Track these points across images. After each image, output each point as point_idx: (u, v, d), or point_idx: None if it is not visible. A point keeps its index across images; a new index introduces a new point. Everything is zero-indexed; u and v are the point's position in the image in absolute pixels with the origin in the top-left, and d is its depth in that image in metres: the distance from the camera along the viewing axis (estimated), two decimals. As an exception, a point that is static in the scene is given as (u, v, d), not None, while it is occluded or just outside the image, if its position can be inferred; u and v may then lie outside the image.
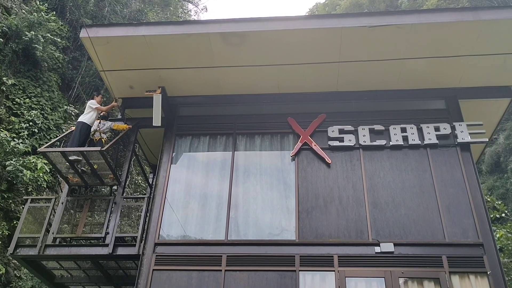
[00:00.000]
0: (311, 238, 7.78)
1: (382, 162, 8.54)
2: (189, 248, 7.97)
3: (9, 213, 12.80)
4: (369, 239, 7.64)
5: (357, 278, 7.26)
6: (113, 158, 9.44)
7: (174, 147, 9.28)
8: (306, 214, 8.05)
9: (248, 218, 8.25)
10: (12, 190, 13.12)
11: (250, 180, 8.71)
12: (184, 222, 8.36)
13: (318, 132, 9.00)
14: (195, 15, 31.70)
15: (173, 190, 8.74)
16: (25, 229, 8.77)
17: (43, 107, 15.44)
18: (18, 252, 8.40)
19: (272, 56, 8.70)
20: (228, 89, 9.39)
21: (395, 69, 8.80)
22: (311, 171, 8.58)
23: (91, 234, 8.82)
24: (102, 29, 8.89)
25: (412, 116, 8.97)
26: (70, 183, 9.23)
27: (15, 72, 15.26)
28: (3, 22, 15.27)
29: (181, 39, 8.53)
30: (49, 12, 17.06)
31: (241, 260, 7.64)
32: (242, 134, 9.28)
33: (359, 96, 9.27)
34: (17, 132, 13.78)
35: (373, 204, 8.04)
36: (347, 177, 8.42)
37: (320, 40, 8.42)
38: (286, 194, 8.41)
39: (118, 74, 9.29)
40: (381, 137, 8.78)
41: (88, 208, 8.94)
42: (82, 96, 17.87)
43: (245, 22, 8.48)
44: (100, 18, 19.77)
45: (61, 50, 18.04)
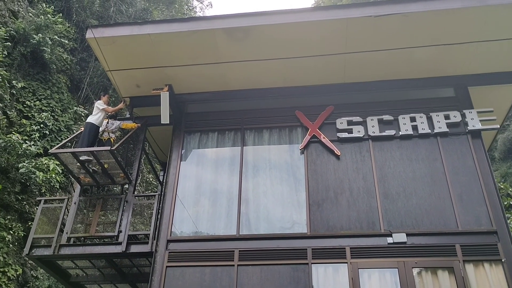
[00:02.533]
0: (322, 231, 7.77)
1: (392, 152, 8.49)
2: (201, 244, 8.01)
3: (24, 215, 12.98)
4: (381, 230, 7.61)
5: (370, 269, 7.24)
6: (123, 157, 9.51)
7: (183, 144, 9.32)
8: (317, 207, 8.04)
9: (259, 212, 8.26)
10: (26, 191, 13.29)
11: (260, 174, 8.71)
12: (196, 218, 8.40)
13: (326, 124, 8.97)
14: (200, 11, 31.68)
15: (183, 187, 8.78)
16: (40, 229, 8.89)
17: (53, 109, 15.58)
18: (34, 252, 8.52)
19: (278, 49, 8.67)
20: (235, 84, 9.39)
21: (402, 58, 8.72)
22: (321, 163, 8.56)
23: (105, 233, 8.90)
24: (108, 29, 8.91)
25: (421, 105, 8.89)
26: (82, 183, 9.33)
27: (24, 75, 15.41)
28: (11, 26, 15.41)
29: (186, 36, 8.54)
30: (56, 14, 17.17)
31: (253, 254, 7.67)
32: (250, 129, 9.29)
33: (367, 87, 9.21)
34: (29, 134, 13.93)
35: (384, 195, 8.00)
36: (357, 169, 8.39)
37: (325, 32, 8.36)
38: (296, 187, 8.41)
39: (125, 74, 9.33)
40: (390, 127, 8.72)
41: (100, 207, 9.03)
42: (91, 97, 17.99)
43: (250, 17, 8.44)
44: (106, 19, 19.86)
45: (69, 52, 18.17)
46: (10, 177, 12.87)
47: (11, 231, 12.18)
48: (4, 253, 11.68)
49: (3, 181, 12.62)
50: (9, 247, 11.95)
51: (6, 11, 15.77)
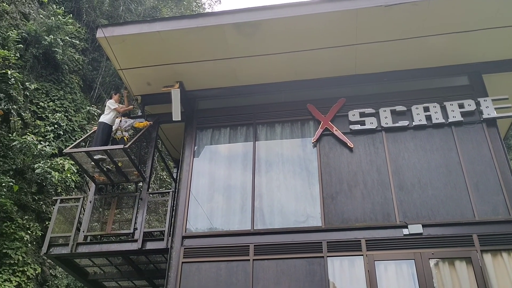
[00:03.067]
0: (337, 224, 7.74)
1: (406, 143, 8.41)
2: (216, 240, 8.03)
3: (41, 214, 13.17)
4: (397, 221, 7.55)
5: (386, 261, 7.19)
6: (137, 155, 9.58)
7: (196, 141, 9.34)
8: (331, 200, 8.00)
9: (273, 207, 8.25)
10: (42, 192, 13.48)
11: (273, 169, 8.70)
12: (210, 214, 8.43)
13: (338, 117, 8.91)
14: (209, 7, 31.61)
15: (197, 183, 8.81)
16: (57, 229, 9.01)
17: (67, 109, 15.75)
18: (52, 251, 8.63)
19: (288, 43, 8.62)
20: (246, 79, 9.36)
21: (414, 47, 8.60)
22: (334, 156, 8.51)
23: (120, 230, 9.00)
24: (117, 28, 8.94)
25: (434, 94, 8.77)
26: (96, 182, 9.41)
27: (37, 77, 15.59)
28: (22, 28, 15.58)
29: (196, 33, 8.53)
30: (66, 15, 17.31)
31: (268, 248, 7.67)
32: (262, 123, 9.27)
33: (379, 78, 9.11)
34: (43, 135, 14.11)
35: (399, 186, 7.93)
36: (371, 161, 8.33)
37: (335, 24, 8.29)
38: (309, 180, 8.38)
39: (135, 72, 9.37)
40: (403, 117, 8.63)
41: (115, 205, 9.11)
42: (104, 96, 18.14)
43: (258, 11, 8.39)
44: (115, 18, 19.97)
45: (80, 52, 18.33)
46: (26, 177, 13.06)
47: (29, 231, 12.39)
48: (23, 252, 11.88)
49: (20, 182, 12.82)
50: (27, 246, 12.15)
51: (17, 13, 15.95)
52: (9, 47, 14.16)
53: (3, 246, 11.56)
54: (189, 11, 25.47)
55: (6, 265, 11.37)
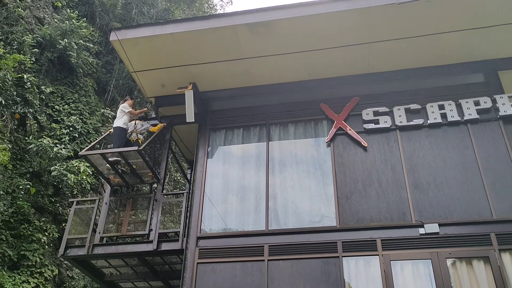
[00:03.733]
0: (352, 223, 7.69)
1: (420, 141, 8.32)
2: (231, 240, 8.04)
3: (57, 216, 13.34)
4: (413, 220, 7.47)
5: (403, 261, 7.13)
6: (151, 157, 9.63)
7: (209, 142, 9.37)
8: (345, 200, 7.96)
9: (287, 207, 8.23)
10: (59, 194, 13.65)
11: (287, 169, 8.68)
12: (224, 215, 8.45)
13: (352, 116, 8.86)
14: (220, 9, 31.67)
15: (211, 184, 8.83)
16: (73, 230, 9.11)
17: (82, 112, 15.93)
18: (68, 253, 8.73)
19: (300, 42, 8.60)
20: (258, 79, 9.37)
21: (428, 45, 8.51)
22: (348, 155, 8.47)
23: (136, 231, 9.05)
24: (131, 30, 9.01)
25: (449, 92, 8.67)
26: (112, 184, 9.49)
27: (52, 80, 15.79)
28: (37, 32, 15.80)
29: (208, 34, 8.56)
30: (80, 19, 17.51)
31: (283, 249, 7.65)
32: (276, 123, 9.25)
33: (393, 76, 9.04)
34: (59, 138, 14.28)
35: (414, 185, 7.86)
36: (385, 159, 8.26)
37: (348, 22, 8.24)
38: (323, 180, 8.34)
39: (149, 74, 9.43)
40: (418, 116, 8.55)
41: (130, 207, 9.18)
42: (117, 99, 18.30)
43: (270, 11, 8.39)
44: (128, 21, 20.13)
45: (94, 55, 18.53)
46: (43, 180, 13.24)
47: (46, 233, 12.55)
48: (41, 254, 12.04)
49: (37, 185, 13.00)
50: (45, 248, 12.31)
51: (32, 18, 16.18)
52: (24, 51, 14.38)
53: (21, 248, 11.73)
54: (201, 12, 25.57)
55: (24, 267, 11.54)
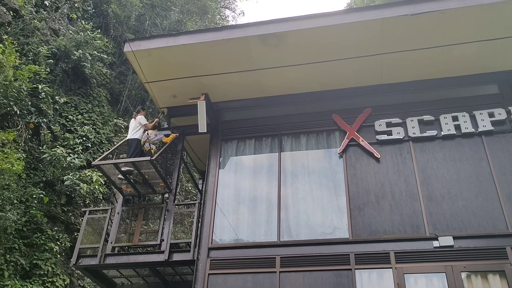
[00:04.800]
0: (365, 236, 7.62)
1: (434, 153, 8.25)
2: (242, 251, 8.00)
3: (70, 226, 13.41)
4: (426, 233, 7.37)
5: (416, 274, 7.02)
6: (163, 167, 9.65)
7: (221, 152, 9.37)
8: (358, 211, 7.89)
9: (299, 218, 8.18)
10: (71, 203, 13.74)
11: (299, 180, 8.64)
12: (236, 226, 8.41)
13: (364, 127, 8.82)
14: (232, 20, 32.00)
15: (222, 194, 8.82)
16: (85, 240, 9.13)
17: (95, 122, 16.08)
18: (80, 262, 8.74)
19: (312, 54, 8.61)
20: (270, 90, 9.38)
21: (442, 56, 8.47)
22: (360, 167, 8.41)
23: (147, 241, 9.04)
24: (144, 42, 9.11)
25: (463, 103, 8.60)
26: (124, 194, 9.53)
27: (66, 91, 15.99)
28: (53, 43, 16.04)
29: (220, 45, 8.61)
30: (94, 30, 17.77)
31: (295, 260, 7.59)
32: (287, 134, 9.24)
33: (406, 87, 8.99)
34: (72, 147, 14.42)
35: (428, 198, 7.77)
36: (398, 171, 8.19)
37: (360, 34, 8.24)
38: (336, 192, 8.29)
39: (161, 85, 9.50)
40: (431, 127, 8.48)
41: (142, 217, 9.19)
42: (130, 109, 18.46)
43: (283, 22, 8.42)
44: (142, 32, 20.38)
45: (108, 66, 18.75)
46: (56, 189, 13.34)
47: (59, 242, 12.61)
48: (52, 263, 12.09)
49: (50, 194, 13.10)
50: (57, 257, 12.36)
51: (47, 29, 16.45)
52: (39, 62, 14.60)
53: (34, 257, 11.79)
54: (213, 24, 25.81)
55: (36, 276, 11.59)
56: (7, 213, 10.84)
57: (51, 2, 17.09)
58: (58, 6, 17.59)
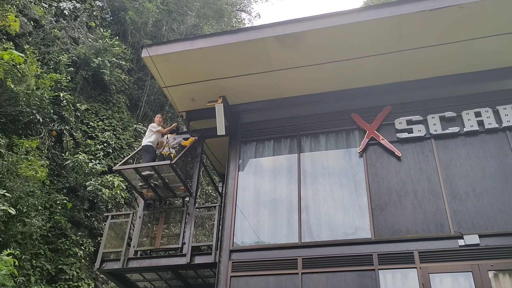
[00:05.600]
0: (387, 235, 7.51)
1: (457, 150, 8.09)
2: (263, 253, 7.97)
3: (93, 231, 13.58)
4: (451, 232, 7.23)
5: (442, 273, 6.89)
6: (183, 171, 9.72)
7: (240, 154, 9.37)
8: (380, 211, 7.79)
9: (320, 219, 8.12)
10: (94, 208, 13.92)
11: (319, 180, 8.58)
12: (256, 228, 8.40)
13: (384, 125, 8.71)
14: (249, 22, 32.04)
15: (242, 196, 8.81)
16: (108, 244, 9.24)
17: (115, 128, 16.28)
18: (104, 266, 8.85)
19: (330, 53, 8.56)
20: (288, 91, 9.35)
21: (462, 51, 8.31)
22: (381, 166, 8.30)
23: (169, 245, 9.10)
24: (161, 47, 9.19)
25: (486, 98, 8.41)
26: (145, 198, 9.61)
27: (87, 98, 16.23)
28: (73, 52, 16.32)
29: (237, 47, 8.63)
30: (113, 37, 18.01)
31: (317, 262, 7.53)
32: (306, 135, 9.19)
33: (426, 84, 8.85)
34: (94, 153, 14.61)
35: (452, 195, 7.62)
36: (420, 169, 8.05)
37: (378, 31, 8.16)
38: (357, 191, 8.20)
39: (179, 89, 9.56)
40: (453, 124, 8.32)
41: (163, 221, 9.26)
42: (149, 114, 18.63)
43: (299, 22, 8.40)
44: (159, 37, 20.55)
45: (126, 72, 18.97)
46: (79, 195, 13.54)
47: (83, 247, 12.78)
48: (77, 268, 12.25)
49: (73, 199, 13.30)
50: (81, 262, 12.53)
51: (67, 38, 16.74)
52: (60, 70, 14.87)
53: (59, 261, 11.97)
54: (229, 27, 25.89)
55: (61, 281, 11.76)
56: (32, 219, 11.04)
57: (70, 11, 17.39)
58: (77, 15, 17.89)
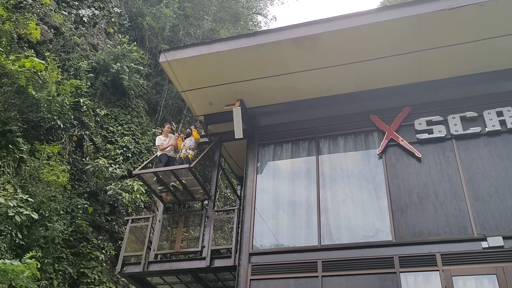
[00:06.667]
0: (408, 238, 7.41)
1: (479, 150, 7.94)
2: (283, 256, 7.95)
3: (114, 234, 13.72)
4: (474, 234, 7.10)
5: (465, 276, 6.77)
6: (201, 174, 9.76)
7: (258, 157, 9.37)
8: (400, 213, 7.69)
9: (340, 221, 8.06)
10: (114, 212, 14.07)
11: (338, 182, 8.52)
12: (276, 230, 8.37)
13: (404, 126, 8.61)
14: (265, 25, 32.11)
15: (261, 199, 8.81)
16: (129, 248, 9.32)
17: (134, 132, 16.45)
18: (125, 270, 8.93)
19: (347, 54, 8.49)
20: (306, 93, 9.31)
21: (483, 50, 8.16)
22: (401, 167, 8.20)
23: (189, 248, 9.14)
24: (179, 51, 9.25)
25: (507, 97, 8.25)
26: (164, 201, 9.68)
27: (106, 103, 16.45)
28: (92, 58, 16.56)
29: (254, 50, 8.63)
30: (131, 43, 18.23)
31: (337, 264, 7.47)
32: (325, 137, 9.14)
33: (446, 84, 8.71)
34: (114, 158, 14.78)
35: (474, 197, 7.48)
36: (441, 170, 7.93)
37: (396, 31, 8.07)
38: (376, 193, 8.11)
39: (197, 93, 9.61)
40: (474, 124, 8.18)
41: (183, 224, 9.31)
42: (168, 118, 18.77)
43: (316, 24, 8.36)
44: (176, 42, 20.73)
45: (144, 77, 19.17)
46: (99, 199, 13.71)
47: (104, 250, 12.92)
48: (99, 271, 12.39)
49: (94, 204, 13.47)
50: (102, 265, 12.67)
51: (87, 45, 17.00)
52: (80, 76, 15.10)
53: (80, 265, 12.13)
54: (246, 30, 25.95)
55: (83, 284, 11.90)
56: (54, 224, 11.22)
57: (89, 18, 17.66)
58: (96, 22, 18.17)
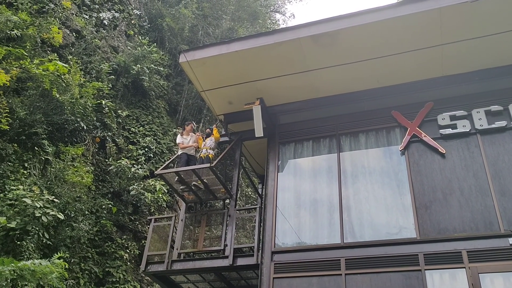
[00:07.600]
0: (433, 235, 7.29)
1: (505, 145, 7.76)
2: (305, 254, 7.92)
3: (137, 234, 13.91)
4: (501, 230, 6.94)
5: (492, 273, 6.62)
6: (222, 173, 9.80)
7: (279, 155, 9.35)
8: (424, 210, 7.57)
9: (362, 219, 7.98)
10: (137, 212, 14.26)
11: (360, 180, 8.44)
12: (298, 229, 8.35)
13: (426, 121, 8.47)
14: (283, 23, 32.01)
15: (282, 198, 8.79)
16: (152, 247, 9.44)
17: (155, 133, 16.62)
18: (149, 269, 9.04)
19: (368, 50, 8.40)
20: (326, 90, 9.25)
21: (507, 42, 7.96)
22: (424, 163, 8.08)
23: (211, 247, 9.20)
24: (198, 51, 9.29)
25: (534, 90, 8.06)
26: (186, 201, 9.76)
27: (128, 104, 16.67)
28: (113, 60, 16.80)
29: (273, 48, 8.61)
30: (151, 44, 18.42)
31: (360, 262, 7.41)
32: (346, 134, 9.06)
33: (469, 78, 8.53)
34: (136, 158, 14.98)
35: (501, 192, 7.31)
36: (466, 166, 7.78)
37: (417, 25, 7.94)
38: (399, 190, 8.01)
39: (217, 92, 9.64)
40: (500, 118, 8.00)
41: (205, 223, 9.36)
42: (188, 118, 18.90)
43: (335, 21, 8.29)
44: (195, 42, 20.86)
45: (164, 78, 19.35)
46: (123, 199, 13.91)
47: (128, 250, 13.11)
48: (123, 270, 12.58)
49: (117, 204, 13.67)
50: (127, 265, 12.86)
51: (108, 47, 17.25)
52: (102, 79, 15.34)
53: (106, 264, 12.33)
54: (264, 29, 25.93)
55: (109, 283, 12.10)
56: (80, 224, 11.43)
57: (109, 21, 17.91)
58: (116, 24, 18.41)
